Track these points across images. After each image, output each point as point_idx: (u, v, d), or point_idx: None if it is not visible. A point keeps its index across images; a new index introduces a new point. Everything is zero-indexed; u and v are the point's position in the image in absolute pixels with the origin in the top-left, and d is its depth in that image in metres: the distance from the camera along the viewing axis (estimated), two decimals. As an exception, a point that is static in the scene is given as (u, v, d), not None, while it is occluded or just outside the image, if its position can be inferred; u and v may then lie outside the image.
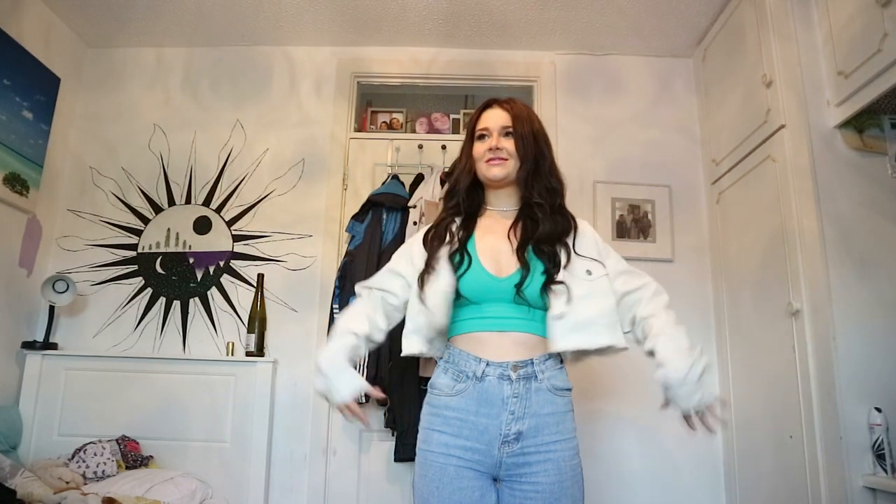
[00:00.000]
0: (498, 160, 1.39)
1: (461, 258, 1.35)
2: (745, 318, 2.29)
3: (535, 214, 1.39)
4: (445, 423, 1.29)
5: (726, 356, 2.42)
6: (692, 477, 2.42)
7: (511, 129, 1.41)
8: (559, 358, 1.36)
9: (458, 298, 1.34)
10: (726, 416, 1.21)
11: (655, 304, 1.37)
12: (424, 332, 1.36)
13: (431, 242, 1.41)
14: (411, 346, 1.38)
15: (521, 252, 1.34)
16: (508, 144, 1.40)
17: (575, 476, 1.29)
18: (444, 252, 1.38)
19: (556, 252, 1.34)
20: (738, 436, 2.31)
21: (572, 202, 1.51)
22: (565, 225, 1.41)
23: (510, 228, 1.40)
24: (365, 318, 1.42)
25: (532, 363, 1.30)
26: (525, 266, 1.31)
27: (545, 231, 1.36)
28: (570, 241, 1.39)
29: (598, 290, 1.35)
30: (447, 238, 1.40)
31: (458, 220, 1.44)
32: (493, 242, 1.39)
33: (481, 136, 1.44)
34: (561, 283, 1.31)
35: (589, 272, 1.36)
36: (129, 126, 2.81)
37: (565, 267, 1.33)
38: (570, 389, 1.36)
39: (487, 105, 1.47)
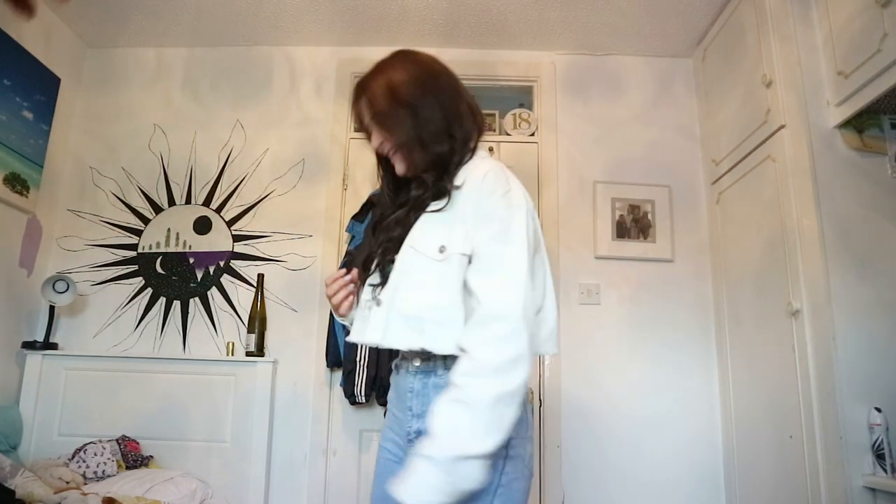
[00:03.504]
0: (391, 161, 1.12)
1: None
2: (745, 319, 2.29)
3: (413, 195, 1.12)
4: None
5: (726, 356, 2.42)
6: (692, 477, 2.42)
7: (369, 117, 1.11)
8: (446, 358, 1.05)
9: None
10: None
11: (469, 340, 0.96)
12: None
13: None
14: None
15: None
16: (378, 135, 1.11)
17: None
18: None
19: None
20: (738, 436, 2.31)
21: (572, 202, 1.47)
22: (423, 198, 1.08)
23: None
24: None
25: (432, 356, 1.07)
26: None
27: (387, 215, 1.14)
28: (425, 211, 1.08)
29: (438, 274, 1.02)
30: None
31: None
32: None
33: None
34: (391, 260, 1.08)
35: (442, 248, 1.02)
36: (129, 126, 2.81)
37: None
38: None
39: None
